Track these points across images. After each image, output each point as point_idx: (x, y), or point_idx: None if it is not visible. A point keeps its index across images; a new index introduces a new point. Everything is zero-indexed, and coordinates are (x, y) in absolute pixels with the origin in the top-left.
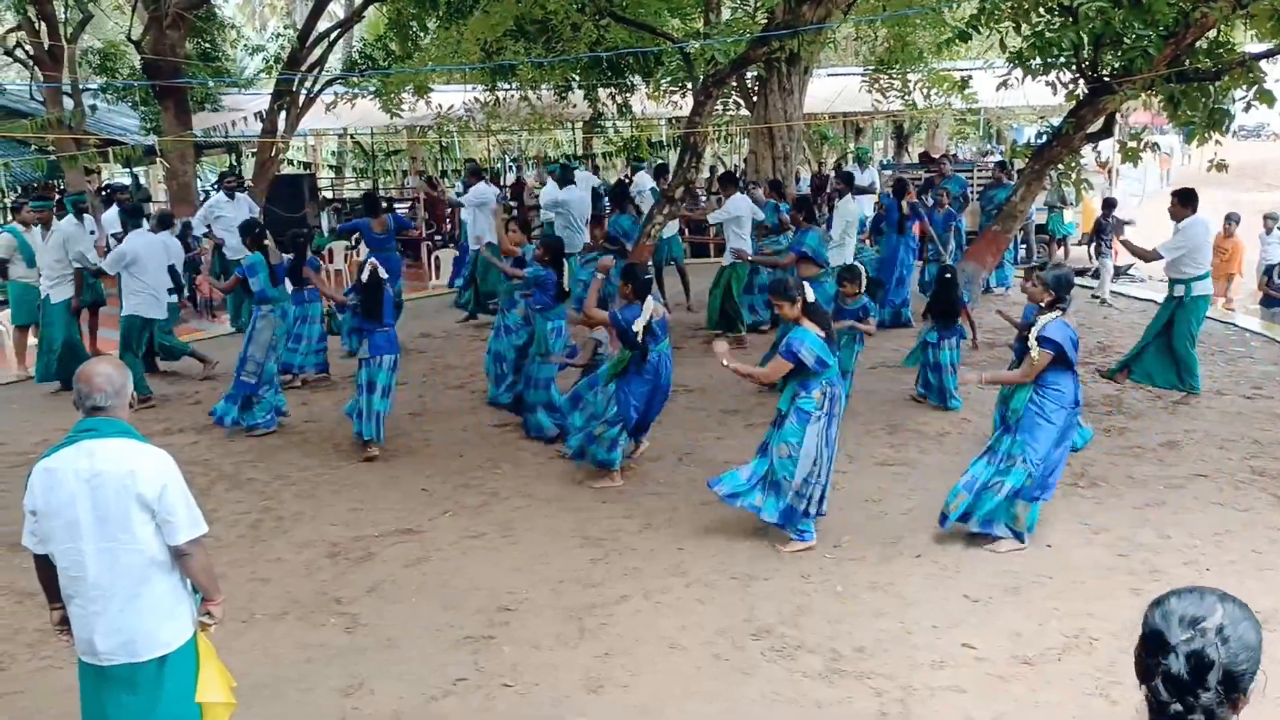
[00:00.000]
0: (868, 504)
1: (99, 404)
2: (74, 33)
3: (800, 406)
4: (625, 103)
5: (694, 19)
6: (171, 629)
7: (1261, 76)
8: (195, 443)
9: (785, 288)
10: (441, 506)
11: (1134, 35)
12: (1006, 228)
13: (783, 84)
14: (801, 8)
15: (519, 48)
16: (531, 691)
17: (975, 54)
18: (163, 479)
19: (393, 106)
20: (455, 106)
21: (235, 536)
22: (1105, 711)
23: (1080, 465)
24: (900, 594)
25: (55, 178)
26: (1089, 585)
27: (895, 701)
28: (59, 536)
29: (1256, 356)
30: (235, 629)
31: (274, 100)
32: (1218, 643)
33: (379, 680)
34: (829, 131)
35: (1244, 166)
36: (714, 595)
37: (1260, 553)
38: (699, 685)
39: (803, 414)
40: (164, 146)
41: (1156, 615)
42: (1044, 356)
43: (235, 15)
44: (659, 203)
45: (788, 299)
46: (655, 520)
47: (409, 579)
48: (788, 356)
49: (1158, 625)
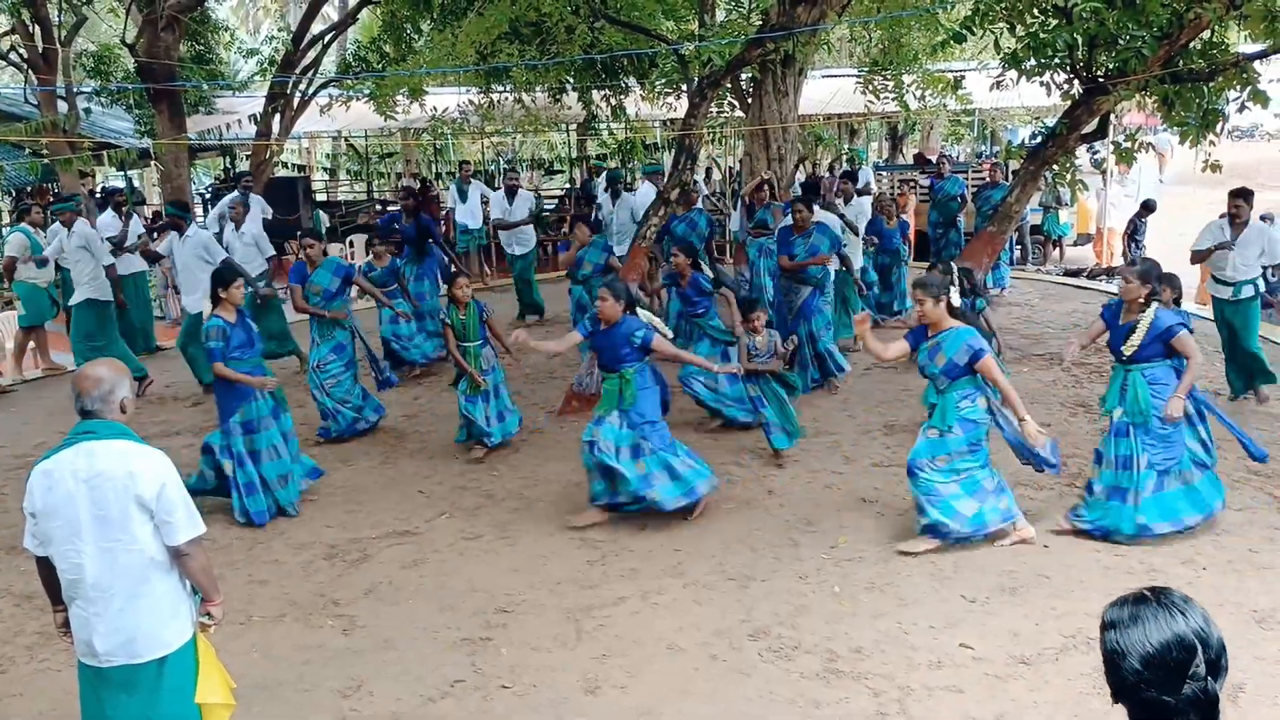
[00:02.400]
0: (865, 504)
1: (87, 407)
2: (68, 36)
3: (969, 416)
4: (620, 105)
5: (688, 21)
6: (171, 630)
7: (1255, 77)
8: (192, 445)
9: (933, 285)
10: (439, 508)
11: (1128, 36)
12: (1002, 228)
13: (777, 85)
14: (796, 9)
15: (513, 50)
16: (529, 693)
17: (969, 55)
18: (161, 480)
19: (387, 109)
20: (450, 109)
21: (233, 538)
22: (1103, 711)
23: (1077, 466)
24: (898, 594)
25: (50, 181)
26: (1086, 585)
27: (893, 702)
28: (58, 538)
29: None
30: (233, 630)
31: (268, 103)
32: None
33: (377, 682)
34: (824, 133)
35: (1238, 167)
36: (711, 596)
37: (1257, 551)
38: (696, 686)
39: (972, 424)
40: (158, 149)
41: (1182, 630)
42: (1188, 339)
43: (229, 18)
44: (655, 204)
45: (932, 296)
46: (652, 522)
47: (406, 580)
48: (979, 356)
49: (1189, 640)
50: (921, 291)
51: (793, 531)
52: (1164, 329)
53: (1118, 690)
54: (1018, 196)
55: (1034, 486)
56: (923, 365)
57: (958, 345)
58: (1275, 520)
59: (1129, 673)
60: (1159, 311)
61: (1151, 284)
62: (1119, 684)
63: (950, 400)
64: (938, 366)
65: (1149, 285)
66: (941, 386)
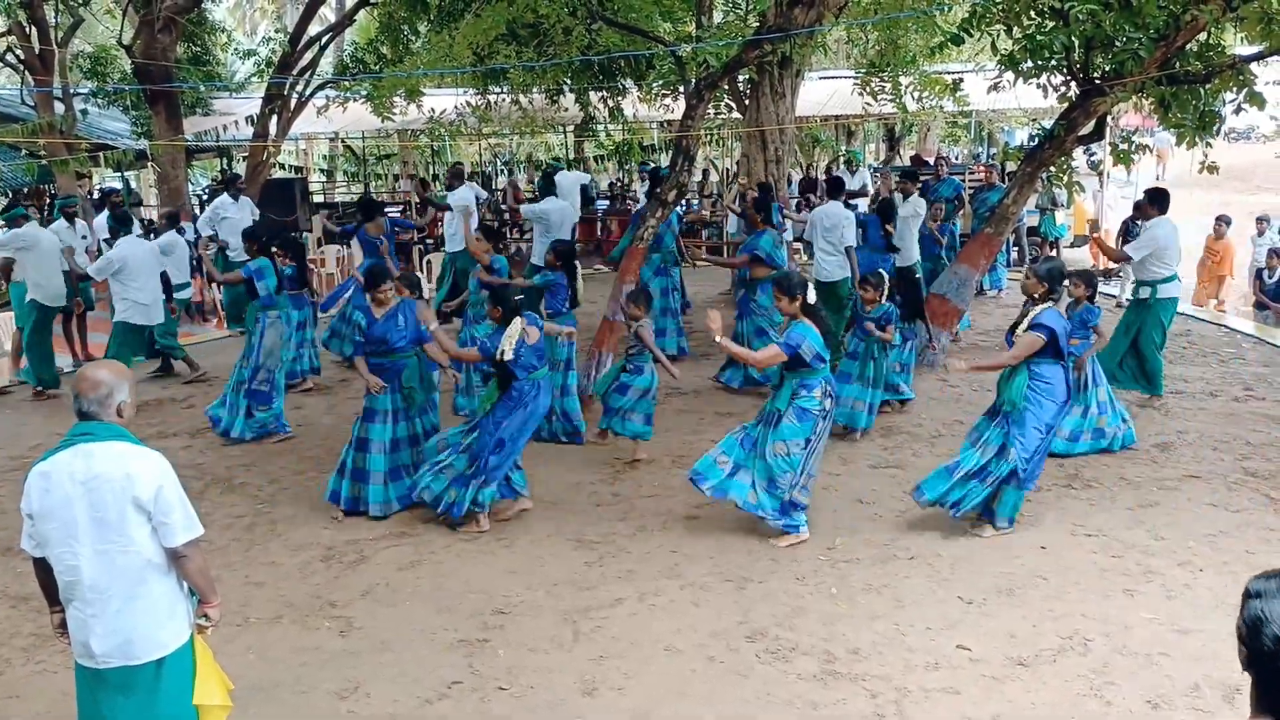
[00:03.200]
0: (861, 506)
1: (84, 409)
2: (65, 37)
3: (802, 405)
4: (617, 106)
5: (686, 23)
6: (169, 631)
7: (1251, 79)
8: (189, 446)
9: (789, 284)
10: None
11: (1125, 38)
12: (999, 230)
13: (775, 87)
14: (793, 11)
15: (510, 51)
16: (526, 694)
17: (967, 57)
18: (158, 481)
19: (384, 110)
20: (447, 110)
21: (229, 540)
22: (1099, 712)
23: (1074, 467)
24: (895, 596)
25: (46, 182)
26: (1083, 586)
27: (890, 703)
28: (55, 539)
29: (1248, 358)
30: (230, 632)
31: (265, 104)
32: None
33: (374, 683)
34: (821, 134)
35: (1234, 169)
36: (708, 598)
37: (1253, 553)
38: (694, 687)
39: (805, 413)
40: (155, 151)
41: None
42: (1034, 339)
43: (226, 19)
44: (651, 206)
45: (789, 295)
46: (649, 523)
47: (403, 582)
48: (789, 350)
49: None
50: (778, 289)
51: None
52: (1036, 323)
53: (1252, 659)
54: (1014, 198)
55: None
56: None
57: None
58: (1271, 522)
59: (1269, 640)
60: (1045, 310)
61: (1048, 284)
62: (1257, 651)
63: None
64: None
65: (1044, 285)
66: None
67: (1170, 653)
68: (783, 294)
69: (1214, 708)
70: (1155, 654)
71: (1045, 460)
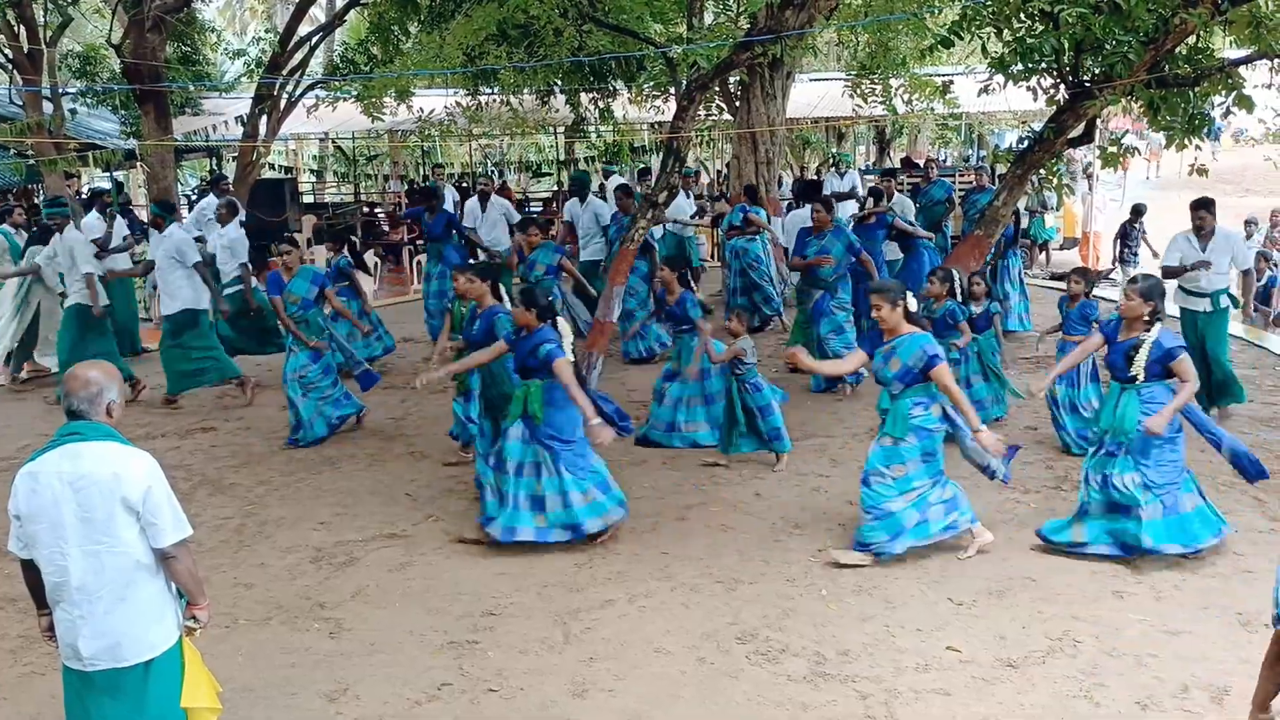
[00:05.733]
0: (852, 507)
1: (74, 407)
2: (53, 36)
3: (923, 425)
4: (607, 107)
5: (676, 24)
6: (157, 633)
7: (1240, 82)
8: (177, 447)
9: (890, 291)
10: (425, 511)
11: (1114, 41)
12: (989, 232)
13: (765, 89)
14: (784, 13)
15: (501, 52)
16: (516, 696)
17: (957, 59)
18: (147, 481)
19: (374, 111)
20: (437, 111)
21: (218, 541)
22: (1089, 713)
23: (1064, 468)
24: (885, 597)
25: (35, 182)
26: (1073, 588)
27: (880, 704)
28: (43, 541)
29: (1236, 361)
30: (219, 634)
31: (255, 104)
32: None
33: (363, 685)
34: (812, 136)
35: (1223, 172)
36: (699, 599)
37: (1242, 555)
38: (684, 689)
39: (926, 433)
40: (144, 151)
41: None
42: (1187, 363)
43: (216, 19)
44: (641, 207)
45: (889, 302)
46: (640, 525)
47: (393, 584)
48: (934, 363)
49: None
50: (878, 297)
51: (780, 534)
52: (1165, 351)
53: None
54: (1004, 200)
55: (1021, 489)
56: (877, 370)
57: (913, 350)
58: (1260, 525)
59: None
60: (1162, 332)
61: (1154, 302)
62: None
63: (903, 407)
64: (892, 372)
65: (1151, 304)
66: (895, 392)
67: (1159, 654)
68: (884, 302)
69: (1203, 708)
70: (1144, 655)
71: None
